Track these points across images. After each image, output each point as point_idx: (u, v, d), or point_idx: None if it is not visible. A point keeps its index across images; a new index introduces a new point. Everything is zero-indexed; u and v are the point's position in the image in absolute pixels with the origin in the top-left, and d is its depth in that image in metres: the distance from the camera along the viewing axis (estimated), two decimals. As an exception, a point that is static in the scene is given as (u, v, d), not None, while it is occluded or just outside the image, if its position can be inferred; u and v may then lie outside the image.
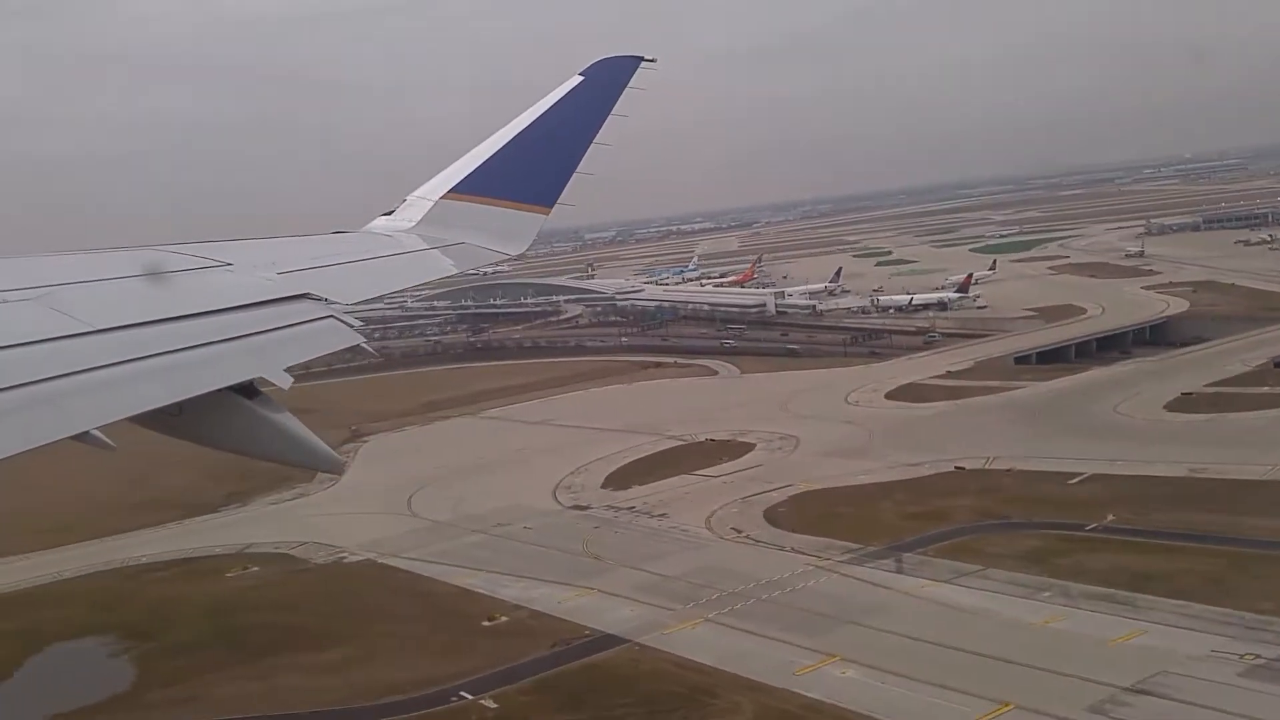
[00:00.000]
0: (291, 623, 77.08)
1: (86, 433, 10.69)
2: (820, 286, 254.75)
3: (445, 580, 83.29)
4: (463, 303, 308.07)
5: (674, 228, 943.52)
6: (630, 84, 26.71)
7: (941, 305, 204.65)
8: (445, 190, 25.47)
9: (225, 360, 13.17)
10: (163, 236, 19.43)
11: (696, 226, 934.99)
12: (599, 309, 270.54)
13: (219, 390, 12.58)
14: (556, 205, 25.89)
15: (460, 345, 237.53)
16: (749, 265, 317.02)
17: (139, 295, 14.84)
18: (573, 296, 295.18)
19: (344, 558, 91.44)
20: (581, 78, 27.27)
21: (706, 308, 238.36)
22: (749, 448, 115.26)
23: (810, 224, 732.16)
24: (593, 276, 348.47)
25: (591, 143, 25.95)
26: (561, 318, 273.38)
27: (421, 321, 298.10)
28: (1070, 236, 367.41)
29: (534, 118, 26.68)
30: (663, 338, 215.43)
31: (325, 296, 16.80)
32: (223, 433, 12.98)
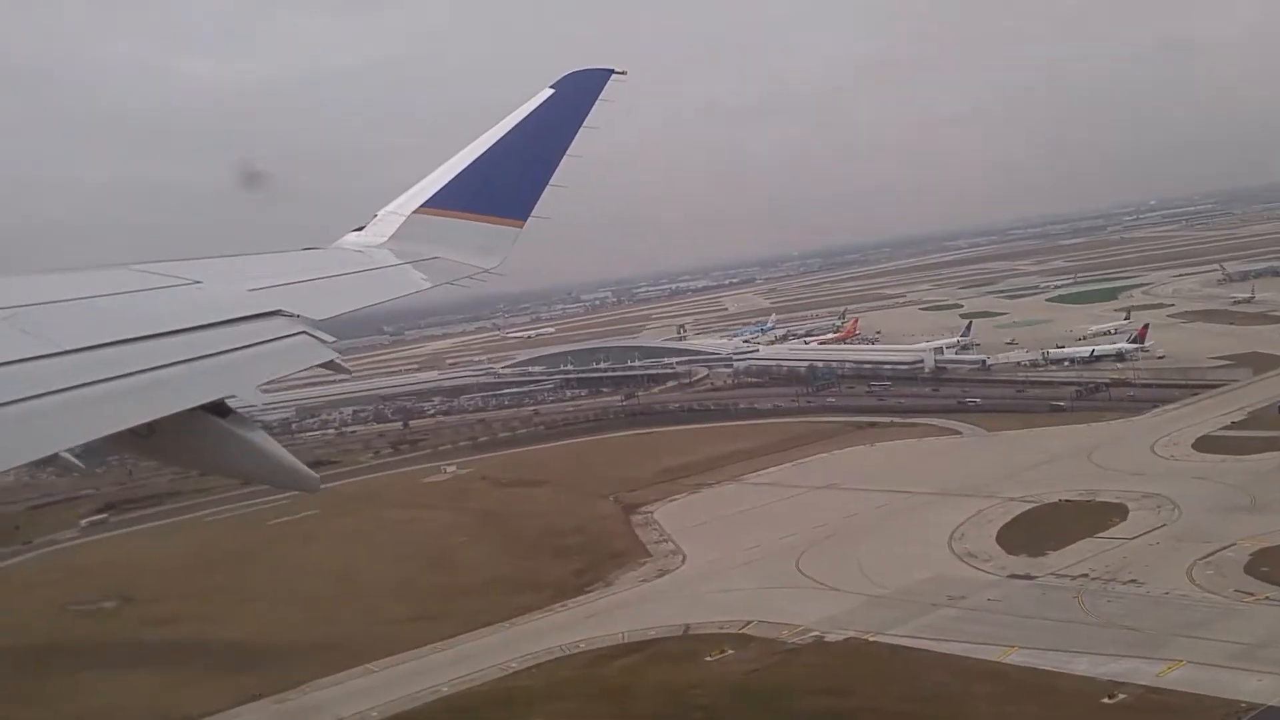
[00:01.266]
0: (870, 708, 74.46)
1: (56, 455, 10.88)
2: (953, 340, 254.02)
3: (977, 657, 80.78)
4: (564, 366, 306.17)
5: (671, 285, 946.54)
6: (601, 96, 26.61)
7: (1119, 356, 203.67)
8: (417, 205, 25.46)
9: (196, 379, 13.17)
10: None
11: (692, 284, 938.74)
12: (734, 370, 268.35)
13: (191, 409, 12.52)
14: (530, 219, 25.78)
15: (614, 411, 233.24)
16: (851, 322, 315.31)
17: (107, 315, 14.69)
18: (686, 359, 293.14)
19: (823, 636, 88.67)
20: (553, 90, 27.21)
21: (856, 366, 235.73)
22: (1120, 508, 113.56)
23: (824, 279, 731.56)
24: (684, 338, 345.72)
25: (564, 155, 25.93)
26: (695, 379, 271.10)
27: (530, 386, 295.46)
28: (1133, 285, 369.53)
29: (505, 130, 26.65)
30: (834, 396, 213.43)
31: (297, 313, 16.76)
32: (195, 453, 13.06)
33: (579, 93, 26.99)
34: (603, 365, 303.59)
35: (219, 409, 12.96)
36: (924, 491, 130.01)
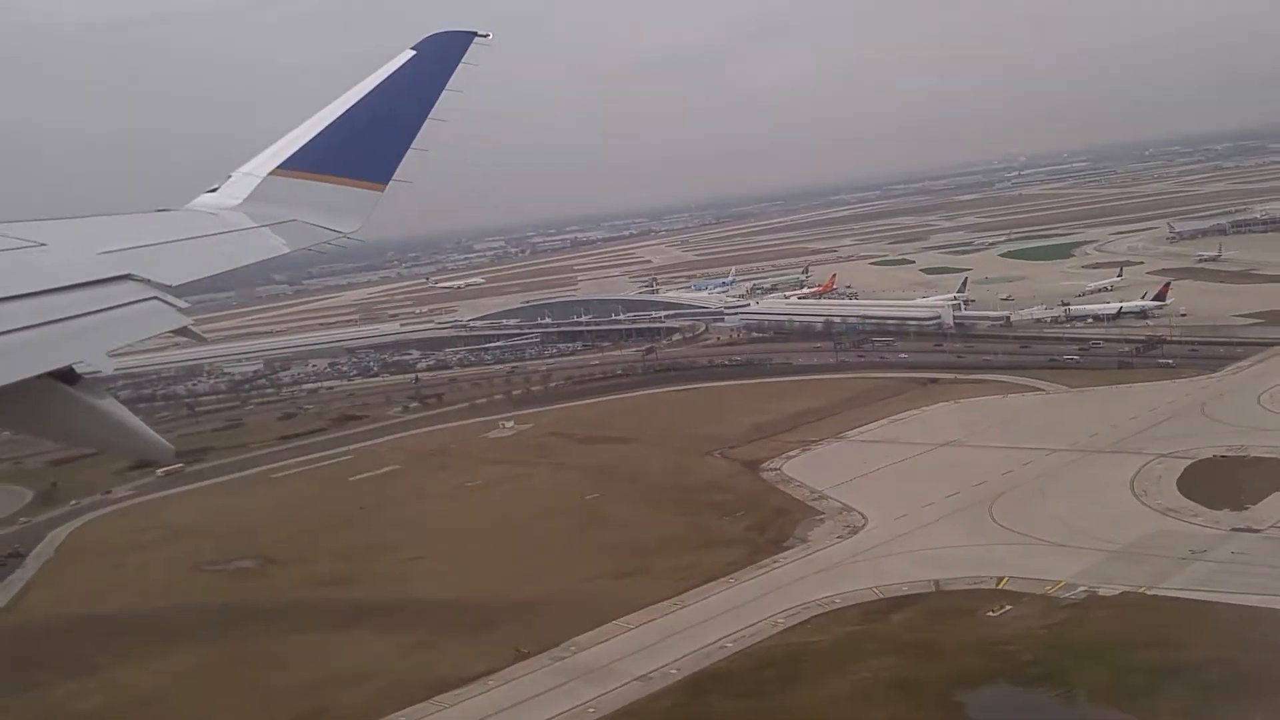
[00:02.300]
0: (1218, 660, 77.07)
1: None
2: (951, 297, 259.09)
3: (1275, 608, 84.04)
4: (542, 320, 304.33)
5: (565, 235, 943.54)
6: (464, 59, 26.80)
7: (1143, 314, 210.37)
8: (273, 166, 25.19)
9: (41, 345, 12.88)
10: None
11: (586, 234, 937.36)
12: (734, 325, 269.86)
13: (37, 377, 12.27)
14: (391, 184, 25.90)
15: (639, 365, 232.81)
16: (829, 277, 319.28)
17: None
18: (673, 313, 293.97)
19: (1095, 591, 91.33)
20: (414, 52, 27.20)
21: (873, 321, 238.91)
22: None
23: (733, 231, 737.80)
24: (656, 291, 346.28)
25: (426, 118, 26.06)
26: (697, 334, 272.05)
27: (516, 340, 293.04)
28: (1075, 242, 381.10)
29: (365, 92, 26.45)
30: (860, 354, 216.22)
31: (148, 277, 16.78)
32: (42, 421, 12.79)
33: (441, 55, 26.82)
34: (584, 319, 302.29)
35: (67, 376, 12.64)
36: (1061, 448, 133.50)
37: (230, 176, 25.28)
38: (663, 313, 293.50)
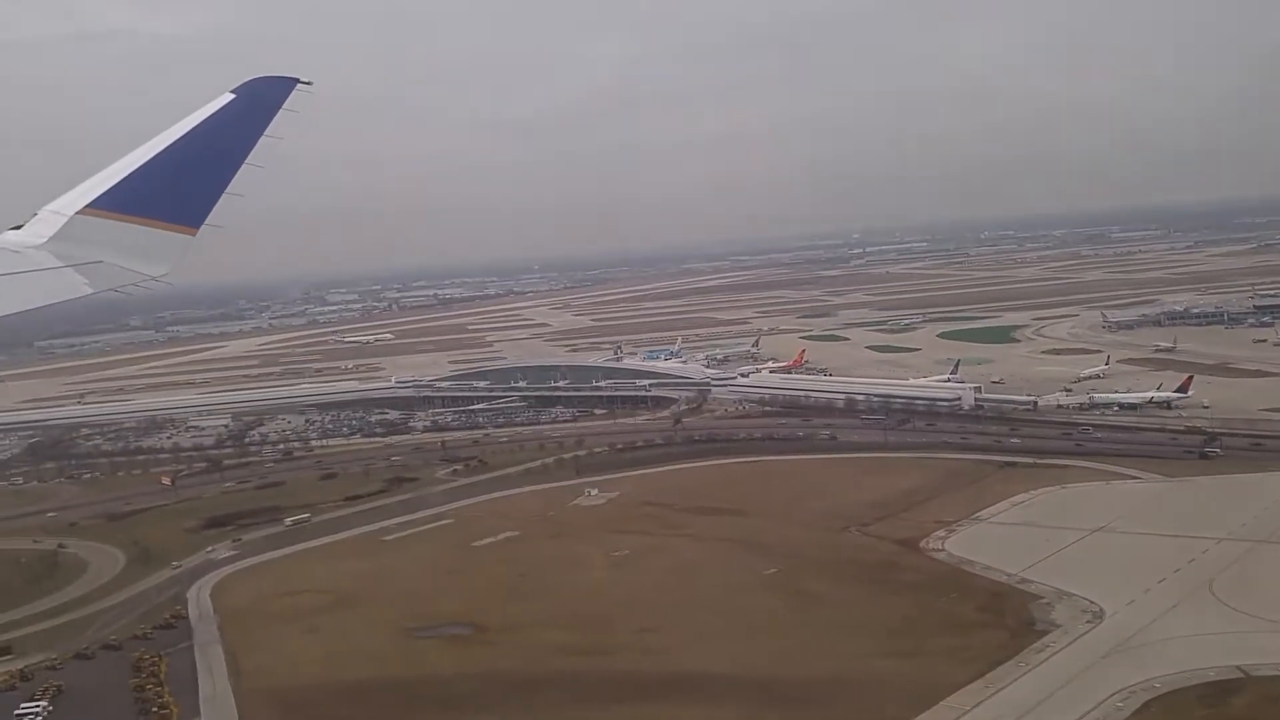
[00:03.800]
0: None
1: None
2: (944, 378, 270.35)
3: None
4: (516, 383, 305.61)
5: (431, 291, 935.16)
6: (285, 105, 26.61)
7: (1167, 405, 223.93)
8: (82, 205, 24.54)
9: None
10: None
11: (451, 291, 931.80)
12: (738, 397, 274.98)
13: None
14: (204, 228, 25.47)
15: (675, 437, 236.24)
16: (799, 352, 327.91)
17: None
18: (657, 382, 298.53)
19: None
20: (234, 95, 26.85)
21: (895, 400, 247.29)
22: None
23: (618, 294, 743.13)
24: (621, 358, 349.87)
25: (243, 163, 25.74)
26: (699, 405, 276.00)
27: (498, 403, 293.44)
28: (998, 324, 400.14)
29: (181, 134, 25.96)
30: (896, 431, 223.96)
31: None
32: None
33: (261, 100, 26.62)
34: (562, 384, 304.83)
35: None
36: (1223, 537, 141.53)
37: (37, 214, 24.63)
38: (647, 382, 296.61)
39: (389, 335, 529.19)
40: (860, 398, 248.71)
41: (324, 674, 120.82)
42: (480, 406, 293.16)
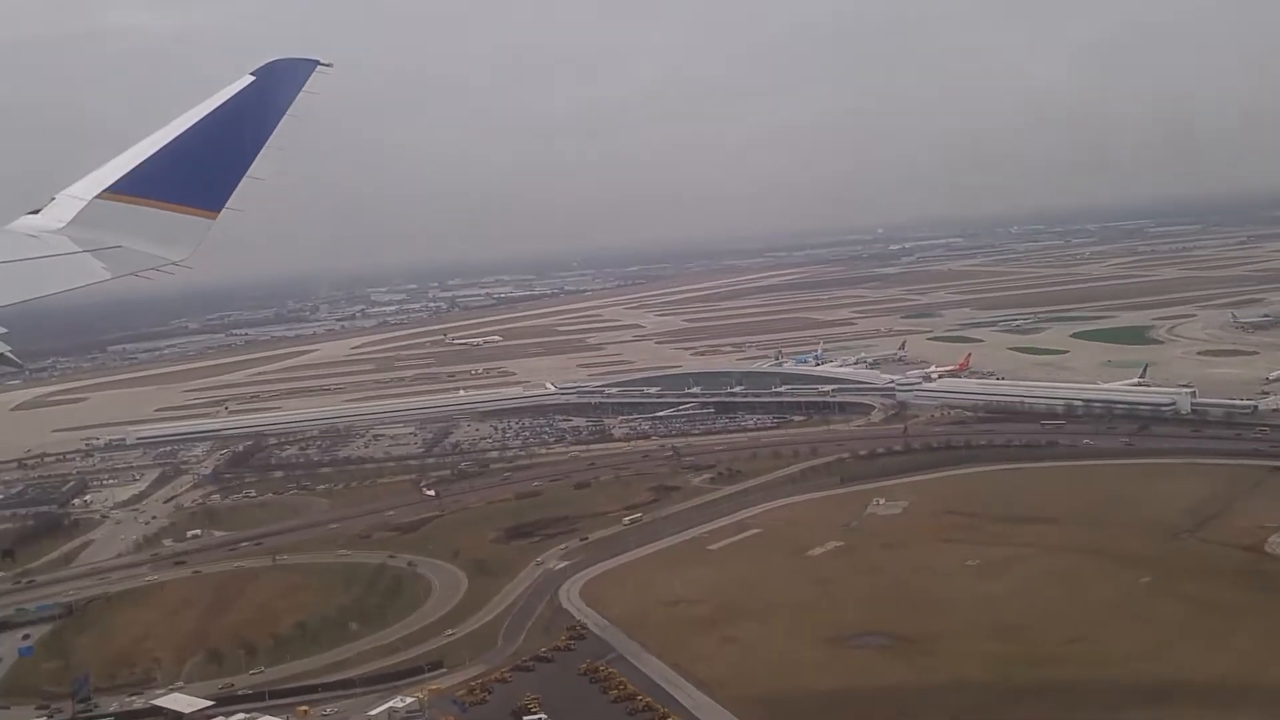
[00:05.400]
0: None
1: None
2: (1134, 382, 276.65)
3: None
4: (689, 389, 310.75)
5: (485, 290, 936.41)
6: (306, 87, 26.31)
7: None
8: (100, 189, 24.33)
9: None
10: None
11: (503, 290, 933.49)
12: (933, 404, 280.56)
13: None
14: (225, 211, 25.22)
15: (900, 445, 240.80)
16: (964, 358, 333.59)
17: None
18: (839, 387, 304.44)
19: None
20: (253, 78, 26.52)
21: (1102, 405, 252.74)
22: None
23: (689, 294, 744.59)
24: (782, 364, 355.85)
25: (264, 146, 25.52)
26: (897, 412, 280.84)
27: (681, 410, 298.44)
28: (1140, 326, 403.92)
29: (200, 116, 25.63)
30: (1130, 440, 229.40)
31: None
32: None
33: (281, 82, 26.40)
34: (737, 389, 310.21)
35: None
36: None
37: (54, 199, 24.57)
38: (830, 388, 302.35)
39: (497, 337, 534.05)
40: (1078, 403, 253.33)
41: (788, 684, 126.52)
42: (667, 414, 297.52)
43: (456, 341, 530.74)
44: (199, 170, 24.94)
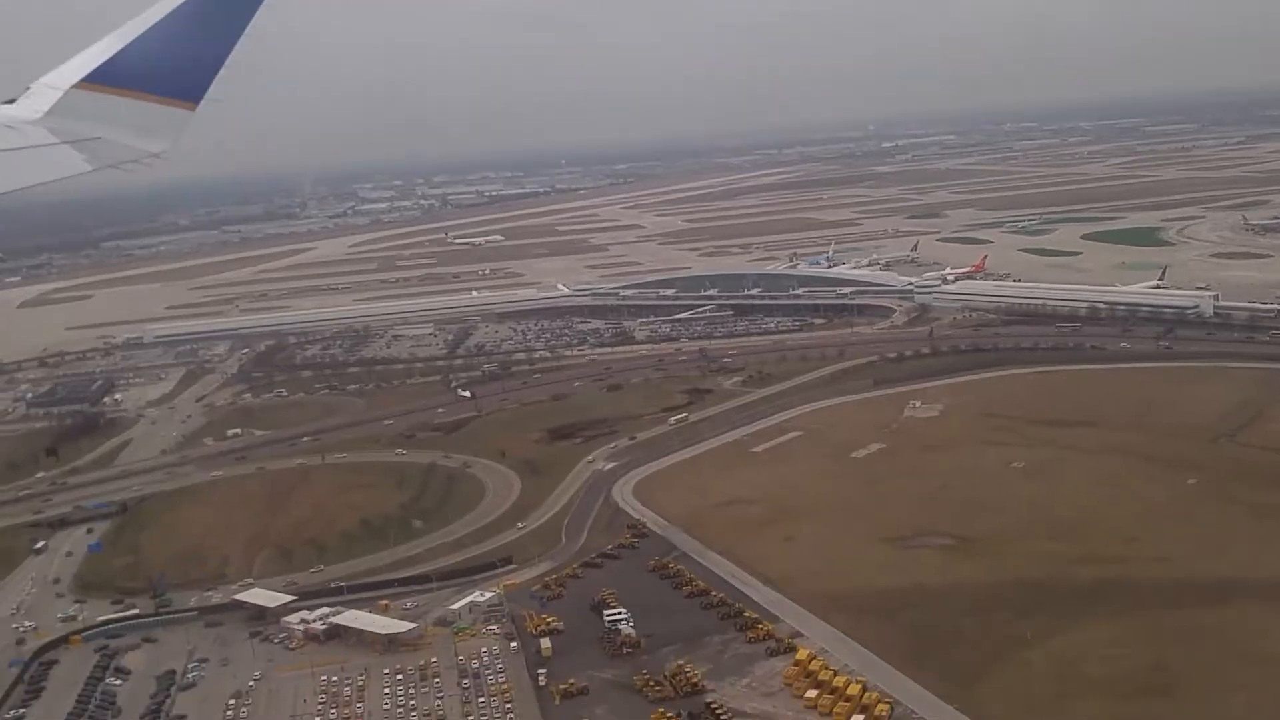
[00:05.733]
0: None
1: None
2: (1154, 284, 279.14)
3: None
4: (706, 290, 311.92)
5: (473, 189, 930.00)
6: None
7: None
8: (77, 79, 23.95)
9: None
10: None
11: (490, 188, 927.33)
12: (954, 306, 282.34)
13: None
14: (204, 102, 25.11)
15: (926, 347, 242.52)
16: (980, 259, 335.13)
17: None
18: (858, 289, 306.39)
19: None
20: None
21: (1143, 310, 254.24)
22: None
23: (682, 194, 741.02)
24: (796, 265, 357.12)
25: (242, 34, 25.02)
26: (916, 315, 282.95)
27: (701, 313, 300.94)
28: (1148, 227, 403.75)
29: (179, 2, 25.05)
30: (1167, 343, 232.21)
31: None
32: None
33: None
34: (754, 292, 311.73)
35: None
36: None
37: (29, 88, 24.21)
38: (848, 290, 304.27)
39: (499, 237, 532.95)
40: (1102, 305, 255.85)
41: (856, 581, 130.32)
42: (686, 316, 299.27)
43: (458, 241, 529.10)
44: (177, 59, 24.51)
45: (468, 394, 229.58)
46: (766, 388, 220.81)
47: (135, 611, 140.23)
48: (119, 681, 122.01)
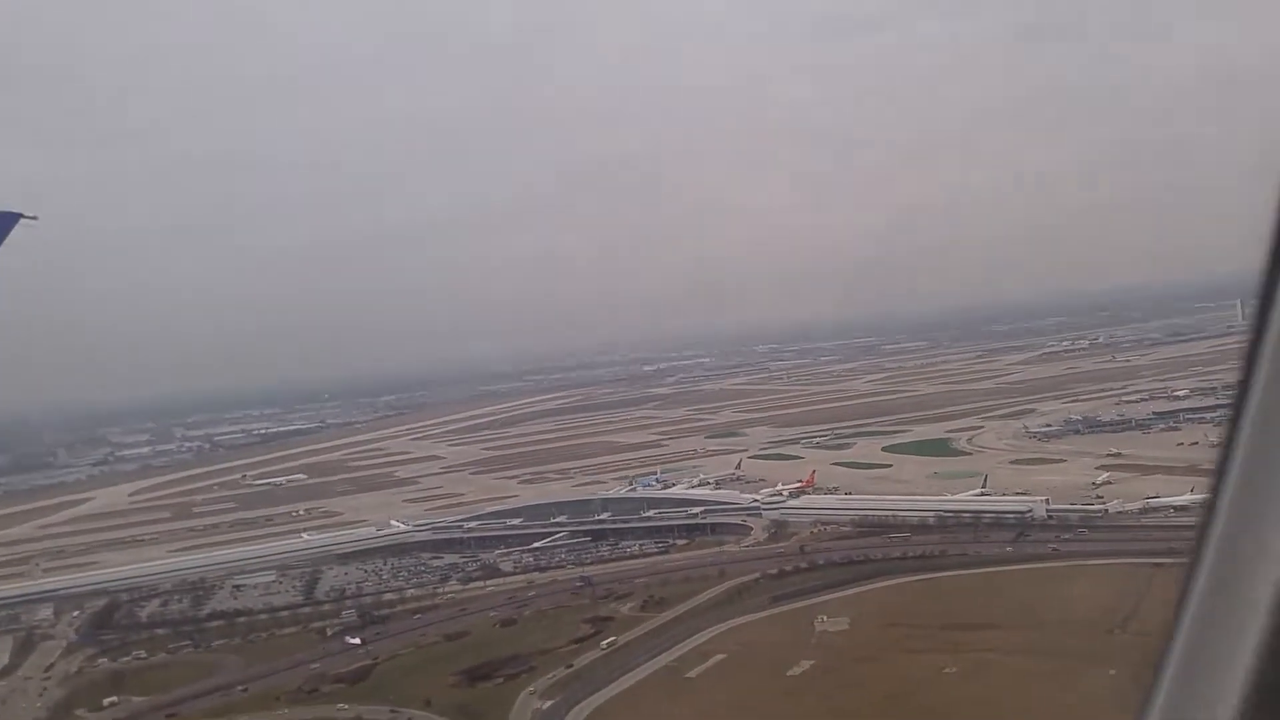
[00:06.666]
0: None
1: None
2: (979, 491, 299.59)
3: None
4: (555, 519, 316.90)
5: (246, 429, 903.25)
6: (7, 240, 26.06)
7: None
8: None
9: None
10: None
11: (246, 428, 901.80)
12: (815, 520, 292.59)
13: None
14: None
15: (821, 563, 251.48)
16: (810, 475, 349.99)
17: None
18: (708, 508, 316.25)
19: None
20: None
21: (985, 516, 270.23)
22: None
23: (477, 419, 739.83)
24: (636, 490, 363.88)
25: None
26: (776, 534, 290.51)
27: (557, 541, 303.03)
28: (938, 438, 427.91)
29: None
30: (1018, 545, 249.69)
31: None
32: None
33: None
34: (604, 516, 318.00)
35: None
36: None
37: None
38: (698, 509, 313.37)
39: (302, 476, 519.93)
40: (947, 514, 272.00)
41: None
42: (543, 544, 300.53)
43: (258, 482, 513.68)
44: None
45: (356, 640, 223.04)
46: (665, 613, 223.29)
47: None
48: None
